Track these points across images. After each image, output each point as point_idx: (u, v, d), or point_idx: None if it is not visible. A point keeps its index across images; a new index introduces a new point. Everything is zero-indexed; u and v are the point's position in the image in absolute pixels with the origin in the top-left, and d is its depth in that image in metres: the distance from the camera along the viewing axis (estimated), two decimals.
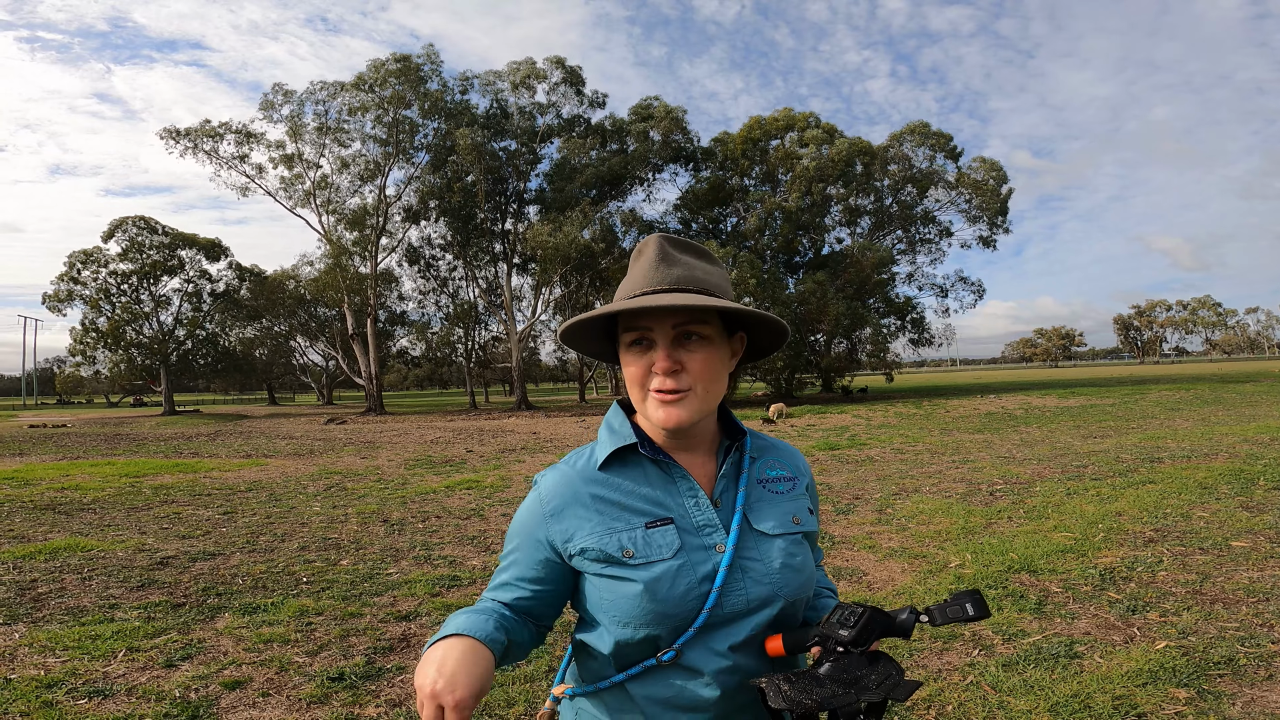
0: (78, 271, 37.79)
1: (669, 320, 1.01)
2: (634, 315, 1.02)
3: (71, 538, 6.54)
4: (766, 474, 1.14)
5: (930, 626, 0.98)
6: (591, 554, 1.02)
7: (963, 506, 7.00)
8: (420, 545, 6.19)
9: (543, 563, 1.07)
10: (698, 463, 1.10)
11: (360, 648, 3.80)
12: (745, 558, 1.04)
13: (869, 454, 12.00)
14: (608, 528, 1.03)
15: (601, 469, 1.07)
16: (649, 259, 1.04)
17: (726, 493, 1.09)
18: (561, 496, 1.06)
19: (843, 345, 34.07)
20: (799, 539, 1.10)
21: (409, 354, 51.45)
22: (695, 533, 1.04)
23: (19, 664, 3.58)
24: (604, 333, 1.14)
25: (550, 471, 1.10)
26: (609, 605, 1.02)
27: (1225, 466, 8.38)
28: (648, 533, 1.02)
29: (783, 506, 1.11)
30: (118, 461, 13.59)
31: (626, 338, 1.04)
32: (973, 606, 0.97)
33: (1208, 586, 4.29)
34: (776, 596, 1.04)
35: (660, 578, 0.99)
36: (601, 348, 1.17)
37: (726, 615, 1.01)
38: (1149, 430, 13.74)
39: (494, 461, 12.70)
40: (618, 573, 1.01)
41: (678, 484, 1.07)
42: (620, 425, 1.10)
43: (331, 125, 33.67)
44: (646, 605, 0.99)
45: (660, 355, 1.01)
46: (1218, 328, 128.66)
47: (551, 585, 1.08)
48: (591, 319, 1.05)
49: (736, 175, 34.95)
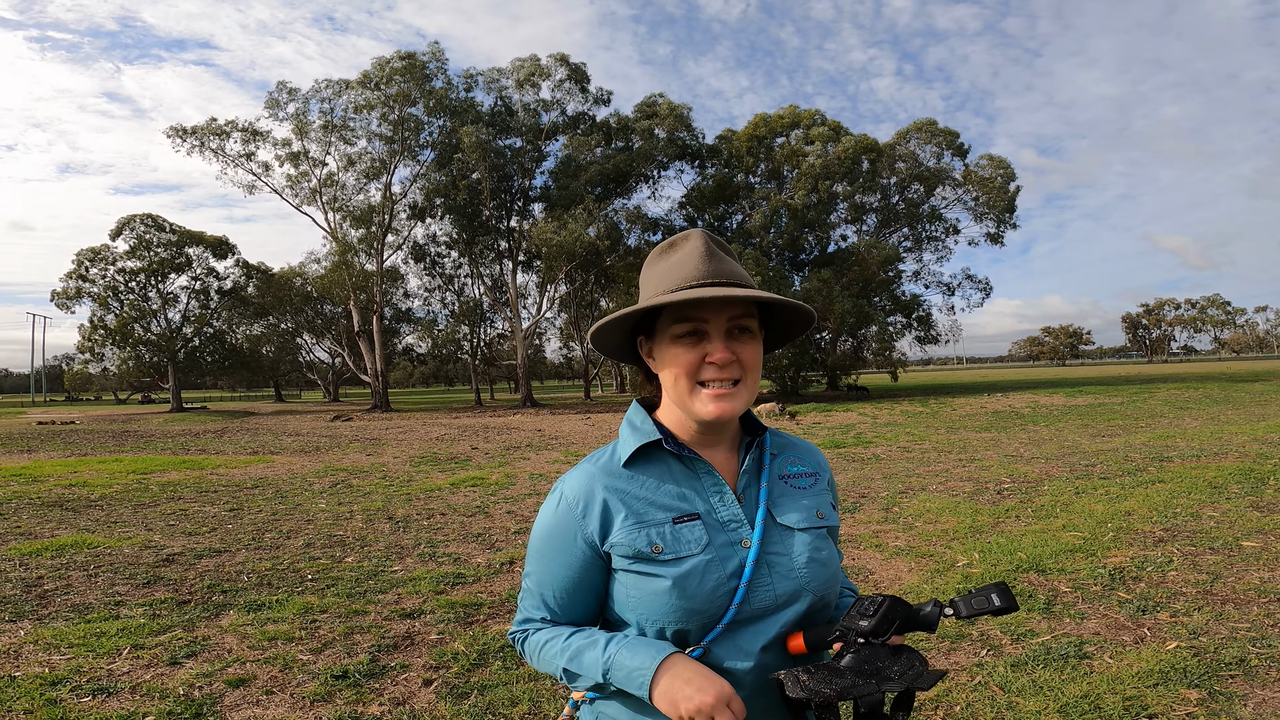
0: (86, 269, 38.01)
1: (726, 312, 1.01)
2: (693, 306, 1.01)
3: (78, 534, 6.56)
4: (788, 470, 1.14)
5: (955, 619, 0.96)
6: (621, 549, 1.02)
7: (970, 505, 6.96)
8: (425, 542, 6.18)
9: (582, 565, 1.05)
10: (720, 459, 1.10)
11: (364, 645, 3.79)
12: (771, 553, 1.03)
13: (875, 452, 11.96)
14: (636, 523, 1.02)
15: (626, 466, 1.07)
16: (696, 251, 1.03)
17: (750, 488, 1.09)
18: (589, 494, 1.05)
19: (848, 343, 33.98)
20: (823, 534, 1.09)
21: (414, 351, 51.53)
22: (721, 528, 1.03)
23: (24, 661, 3.59)
24: (628, 331, 1.13)
25: (573, 473, 1.09)
26: (636, 603, 1.01)
27: (1235, 466, 8.31)
28: (676, 528, 1.02)
29: (806, 501, 1.11)
30: (125, 458, 13.64)
31: (677, 329, 1.02)
32: (999, 598, 0.94)
33: (1218, 586, 4.25)
34: (804, 591, 1.03)
35: (690, 573, 0.99)
36: (623, 344, 1.16)
37: (755, 611, 1.00)
38: (1158, 429, 13.65)
39: (499, 459, 12.71)
40: (647, 569, 1.00)
41: (702, 480, 1.07)
42: (643, 422, 1.10)
43: (337, 123, 33.73)
44: (676, 601, 0.98)
45: (719, 347, 1.01)
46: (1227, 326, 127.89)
47: (593, 590, 1.07)
48: (636, 313, 1.04)
49: (742, 173, 34.87)
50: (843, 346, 33.90)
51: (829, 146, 32.42)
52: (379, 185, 35.21)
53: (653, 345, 1.09)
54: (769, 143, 34.65)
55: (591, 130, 34.38)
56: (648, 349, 1.11)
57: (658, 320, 1.06)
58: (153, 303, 39.46)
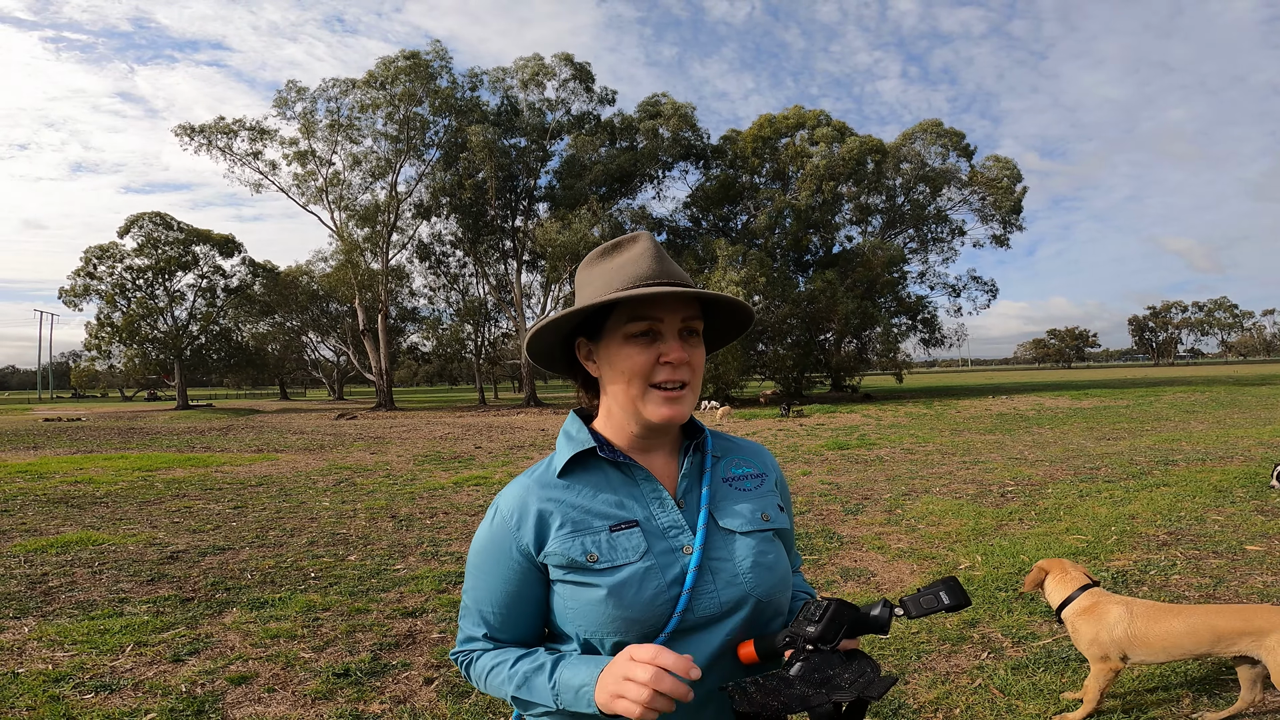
0: (94, 267, 38.13)
1: (680, 313, 1.00)
2: (649, 305, 0.99)
3: (83, 531, 6.60)
4: (732, 472, 1.10)
5: (907, 619, 0.94)
6: (555, 559, 0.99)
7: (973, 508, 6.94)
8: (428, 541, 6.20)
9: (519, 579, 1.02)
10: (659, 464, 1.07)
11: (366, 644, 3.81)
12: (714, 558, 1.00)
13: (878, 454, 11.93)
14: (572, 532, 0.99)
15: (561, 476, 1.04)
16: (647, 252, 1.01)
17: (690, 493, 1.06)
18: (524, 506, 1.02)
19: (852, 344, 33.91)
20: (770, 536, 1.06)
21: (419, 350, 51.64)
22: (661, 535, 1.01)
23: (27, 657, 3.61)
24: (565, 335, 1.10)
25: (508, 487, 1.07)
26: (574, 614, 0.99)
27: (1240, 469, 8.28)
28: (612, 536, 0.99)
29: (750, 504, 1.07)
30: (131, 455, 13.71)
31: (632, 328, 1.00)
32: (948, 595, 0.91)
33: (1221, 590, 4.24)
34: (749, 597, 1.00)
35: (626, 581, 0.96)
36: (557, 349, 1.12)
37: (699, 619, 0.97)
38: (1163, 432, 13.59)
39: (502, 458, 12.73)
40: (582, 578, 0.98)
41: (640, 486, 1.04)
42: (578, 432, 1.07)
43: (344, 122, 33.80)
44: (613, 611, 0.96)
45: (674, 346, 0.99)
46: (1234, 330, 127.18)
47: (532, 604, 1.04)
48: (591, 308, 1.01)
49: (746, 173, 34.81)
50: (847, 348, 33.81)
51: (834, 147, 32.35)
52: (385, 184, 35.30)
53: (595, 347, 1.06)
54: (774, 143, 34.59)
55: (596, 130, 34.36)
56: (587, 351, 1.08)
57: (607, 320, 1.03)
58: (159, 300, 39.57)
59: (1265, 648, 2.52)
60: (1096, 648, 2.75)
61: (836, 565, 5.20)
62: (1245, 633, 2.57)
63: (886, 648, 3.57)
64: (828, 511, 7.13)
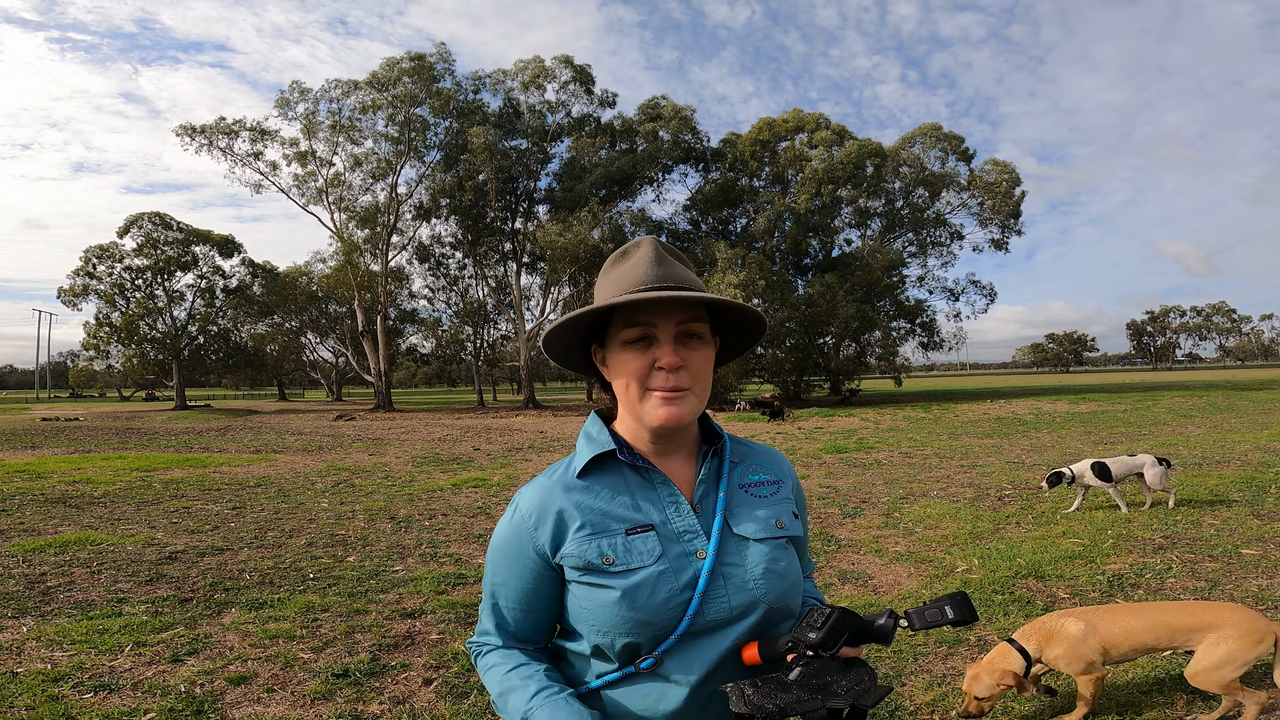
0: (93, 266, 38.10)
1: (674, 317, 1.01)
2: (640, 310, 1.00)
3: (81, 531, 6.60)
4: (749, 478, 1.12)
5: (910, 631, 0.95)
6: (571, 560, 1.01)
7: (971, 511, 6.96)
8: (426, 542, 6.21)
9: (535, 577, 1.05)
10: (677, 468, 1.09)
11: (365, 644, 3.82)
12: (727, 564, 1.02)
13: (877, 457, 11.95)
14: (590, 534, 1.01)
15: (580, 477, 1.06)
16: (646, 257, 1.03)
17: (707, 498, 1.07)
18: (543, 507, 1.04)
19: (851, 348, 33.92)
20: (783, 544, 1.07)
21: (418, 351, 51.57)
22: (676, 539, 1.02)
23: (26, 657, 3.62)
24: (581, 339, 1.12)
25: (529, 486, 1.09)
26: (588, 614, 1.01)
27: (1237, 474, 8.30)
28: (628, 539, 1.01)
29: (765, 511, 1.09)
30: (129, 455, 13.70)
31: (627, 334, 1.02)
32: (953, 609, 0.93)
33: (1217, 594, 4.25)
34: (759, 603, 1.02)
35: (640, 585, 0.98)
36: (577, 354, 1.15)
37: (709, 623, 0.99)
38: (1161, 437, 13.62)
39: (501, 460, 12.74)
40: (597, 580, 1.00)
41: (658, 490, 1.06)
42: (599, 433, 1.09)
43: (345, 123, 33.80)
44: (626, 613, 0.97)
45: (667, 351, 1.00)
46: (1232, 334, 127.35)
47: (547, 602, 1.07)
48: (586, 315, 1.03)
49: (746, 176, 34.84)
50: (846, 351, 33.82)
51: (833, 150, 32.39)
52: (385, 185, 35.30)
53: (606, 353, 1.08)
54: (773, 146, 34.61)
55: (596, 132, 34.39)
56: (601, 357, 1.10)
57: (610, 327, 1.05)
58: (159, 300, 39.52)
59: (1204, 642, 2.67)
60: (1078, 662, 2.78)
61: (834, 568, 5.22)
62: (1195, 628, 2.70)
63: (884, 650, 3.59)
64: (826, 514, 7.14)
